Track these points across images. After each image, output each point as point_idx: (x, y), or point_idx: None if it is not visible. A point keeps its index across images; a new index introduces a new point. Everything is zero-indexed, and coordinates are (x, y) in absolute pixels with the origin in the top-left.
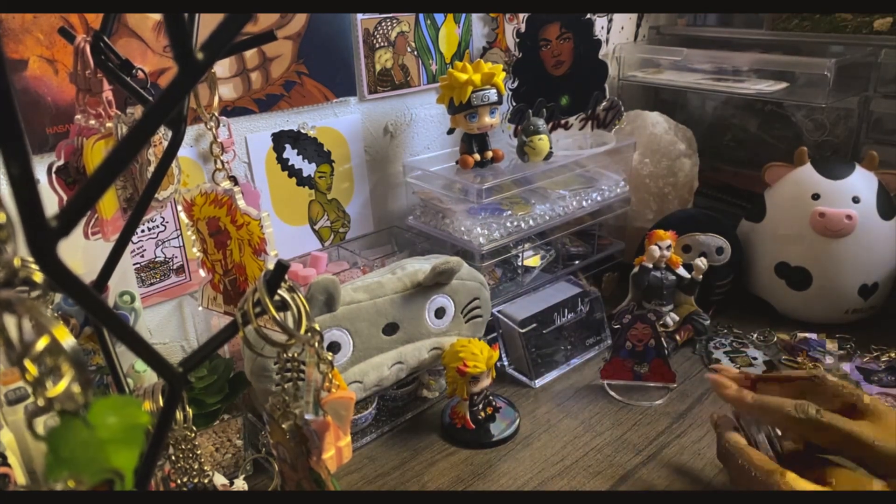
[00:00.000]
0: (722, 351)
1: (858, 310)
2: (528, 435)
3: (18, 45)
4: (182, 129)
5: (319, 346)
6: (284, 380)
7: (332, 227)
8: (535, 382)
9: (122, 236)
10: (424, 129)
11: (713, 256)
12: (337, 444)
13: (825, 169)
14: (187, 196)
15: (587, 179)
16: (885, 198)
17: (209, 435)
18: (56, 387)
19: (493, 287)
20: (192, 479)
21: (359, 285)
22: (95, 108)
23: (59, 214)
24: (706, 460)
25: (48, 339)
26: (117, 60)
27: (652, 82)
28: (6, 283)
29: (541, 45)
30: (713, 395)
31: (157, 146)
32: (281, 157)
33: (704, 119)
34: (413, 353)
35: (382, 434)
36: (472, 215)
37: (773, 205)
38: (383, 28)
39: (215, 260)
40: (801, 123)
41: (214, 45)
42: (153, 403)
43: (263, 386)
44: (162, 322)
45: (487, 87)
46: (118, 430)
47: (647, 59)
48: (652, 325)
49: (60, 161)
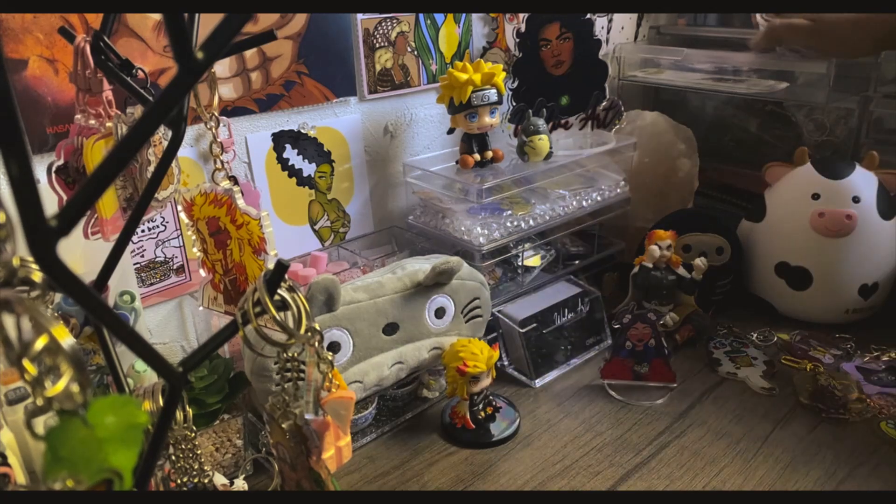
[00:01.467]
0: (722, 351)
1: (858, 310)
2: (528, 435)
3: (18, 45)
4: (182, 128)
5: (319, 345)
6: (284, 380)
7: (332, 227)
8: (535, 382)
9: (122, 236)
10: (424, 129)
11: (713, 256)
12: (337, 444)
13: (825, 169)
14: (187, 196)
15: (587, 179)
16: (885, 198)
17: (209, 435)
18: (55, 386)
19: (493, 287)
20: (192, 479)
21: (359, 285)
22: (95, 107)
23: (59, 214)
24: (706, 460)
25: (47, 338)
26: (117, 60)
27: (652, 82)
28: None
29: (541, 45)
30: (713, 395)
31: (157, 146)
32: (281, 157)
33: (704, 119)
34: (413, 352)
35: (382, 434)
36: (472, 215)
37: (773, 205)
38: (383, 28)
39: (215, 260)
40: (801, 123)
41: (214, 44)
42: (153, 403)
43: (263, 386)
44: (162, 322)
45: (487, 87)
46: (117, 430)
47: (647, 59)
48: (652, 325)
49: (60, 161)
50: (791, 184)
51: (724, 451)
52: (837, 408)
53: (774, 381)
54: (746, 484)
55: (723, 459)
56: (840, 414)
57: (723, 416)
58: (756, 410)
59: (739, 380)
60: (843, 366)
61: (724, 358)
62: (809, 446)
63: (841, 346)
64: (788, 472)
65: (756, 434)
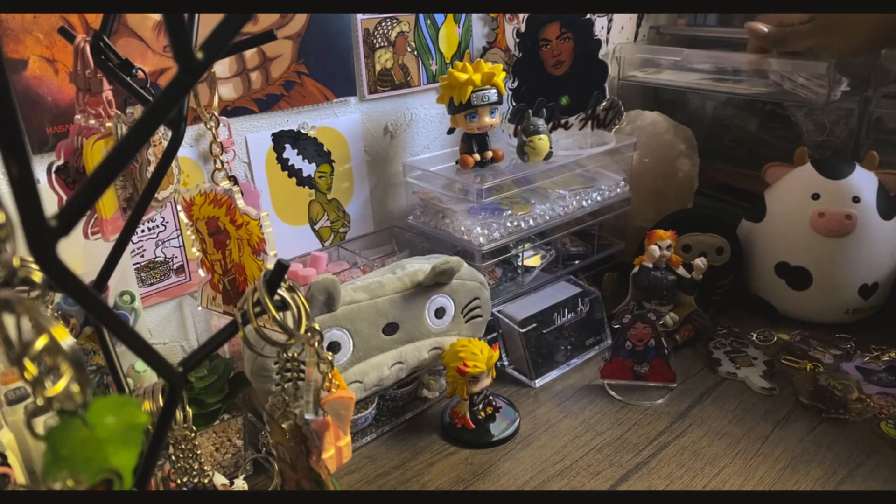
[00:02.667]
0: (722, 351)
1: (858, 310)
2: (528, 435)
3: (18, 45)
4: (182, 128)
5: (319, 345)
6: (284, 380)
7: (332, 227)
8: (535, 382)
9: (122, 236)
10: (424, 129)
11: (713, 256)
12: (337, 444)
13: (825, 169)
14: (187, 196)
15: (587, 179)
16: (885, 198)
17: (209, 435)
18: (55, 386)
19: (493, 287)
20: (192, 479)
21: (359, 285)
22: (95, 107)
23: (59, 214)
24: (706, 460)
25: (47, 338)
26: (117, 60)
27: (652, 82)
28: (5, 282)
29: (541, 45)
30: (713, 395)
31: (157, 146)
32: (281, 157)
33: (704, 119)
34: (413, 352)
35: (382, 434)
36: (472, 215)
37: (773, 205)
38: (383, 28)
39: (215, 260)
40: (801, 123)
41: (214, 44)
42: (153, 403)
43: (263, 386)
44: (162, 322)
45: (487, 87)
46: (117, 430)
47: (647, 59)
48: (652, 325)
49: (60, 161)
50: (791, 184)
51: (724, 451)
52: (837, 408)
53: (774, 381)
54: (746, 484)
55: (723, 459)
56: (840, 414)
57: (723, 416)
58: (756, 410)
59: (739, 380)
60: (843, 366)
61: (724, 358)
62: (809, 446)
63: (841, 346)
64: (788, 472)
65: (756, 434)
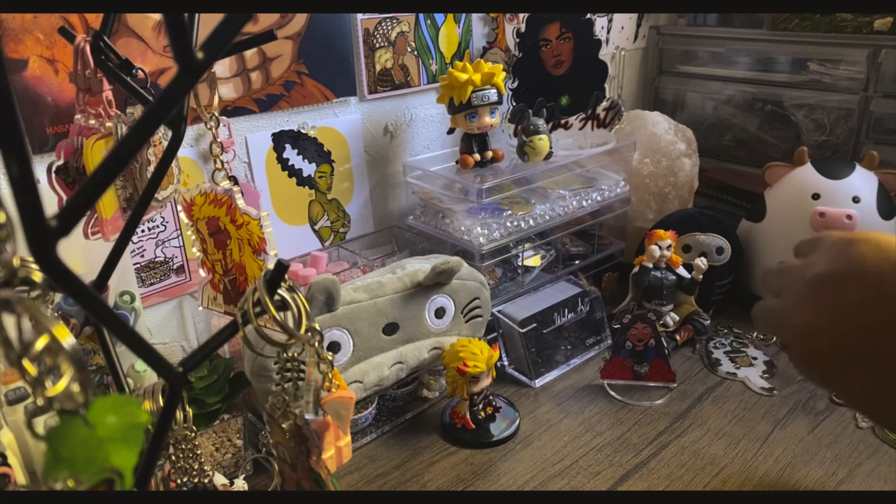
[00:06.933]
0: (722, 351)
1: None
2: (528, 435)
3: (18, 45)
4: (182, 128)
5: (319, 345)
6: (284, 380)
7: (332, 227)
8: (535, 382)
9: (122, 236)
10: (424, 129)
11: (713, 256)
12: (337, 444)
13: (825, 169)
14: (187, 196)
15: (587, 179)
16: (885, 198)
17: (209, 435)
18: (55, 386)
19: (493, 287)
20: (192, 479)
21: (359, 285)
22: (95, 107)
23: (59, 214)
24: (706, 460)
25: (47, 338)
26: (117, 60)
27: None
28: (5, 282)
29: (541, 45)
30: (713, 396)
31: (157, 146)
32: (281, 157)
33: (704, 119)
34: (413, 352)
35: (382, 434)
36: (472, 215)
37: (773, 205)
38: (383, 28)
39: (215, 260)
40: (801, 123)
41: (214, 45)
42: (153, 403)
43: (263, 386)
44: (162, 322)
45: (487, 87)
46: (118, 430)
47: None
48: (652, 325)
49: (60, 161)
50: (791, 184)
51: (724, 451)
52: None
53: (774, 381)
54: (746, 484)
55: (723, 459)
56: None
57: (723, 416)
58: (756, 410)
59: (739, 380)
60: None
61: (724, 358)
62: (809, 446)
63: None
64: (788, 472)
65: (756, 434)
